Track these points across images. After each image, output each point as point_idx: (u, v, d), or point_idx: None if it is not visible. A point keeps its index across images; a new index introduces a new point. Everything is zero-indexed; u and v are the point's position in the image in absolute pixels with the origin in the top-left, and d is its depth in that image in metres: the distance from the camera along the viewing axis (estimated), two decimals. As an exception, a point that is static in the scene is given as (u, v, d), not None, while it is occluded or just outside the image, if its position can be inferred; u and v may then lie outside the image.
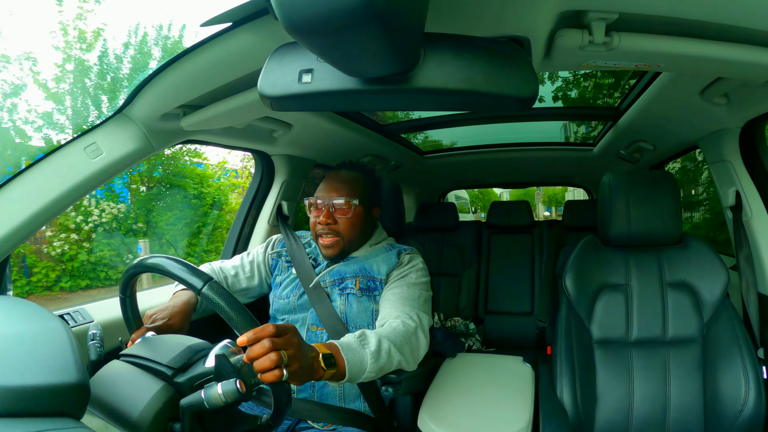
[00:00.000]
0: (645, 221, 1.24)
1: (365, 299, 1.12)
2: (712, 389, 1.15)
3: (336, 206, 1.13)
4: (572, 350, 1.21)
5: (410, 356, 0.96)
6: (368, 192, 1.19)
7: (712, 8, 0.67)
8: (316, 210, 1.16)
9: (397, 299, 1.07)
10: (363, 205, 1.17)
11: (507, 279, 2.55)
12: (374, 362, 0.84)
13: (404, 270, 1.14)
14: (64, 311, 1.11)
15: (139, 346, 0.81)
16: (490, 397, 1.22)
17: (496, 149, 2.45)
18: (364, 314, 1.11)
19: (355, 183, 1.18)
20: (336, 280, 1.14)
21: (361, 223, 1.17)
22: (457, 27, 0.68)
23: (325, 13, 0.38)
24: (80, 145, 0.97)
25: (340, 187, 1.15)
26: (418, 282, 1.12)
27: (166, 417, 0.70)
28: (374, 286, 1.12)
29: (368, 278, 1.13)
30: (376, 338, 0.88)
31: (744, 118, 1.23)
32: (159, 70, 0.88)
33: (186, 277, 0.72)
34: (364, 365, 0.83)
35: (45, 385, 0.53)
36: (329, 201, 1.13)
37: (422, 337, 1.00)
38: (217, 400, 0.66)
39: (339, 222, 1.14)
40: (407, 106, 0.66)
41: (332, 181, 1.17)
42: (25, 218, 0.89)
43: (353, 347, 0.84)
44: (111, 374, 0.75)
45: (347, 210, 1.13)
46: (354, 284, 1.12)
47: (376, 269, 1.13)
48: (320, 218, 1.13)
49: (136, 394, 0.70)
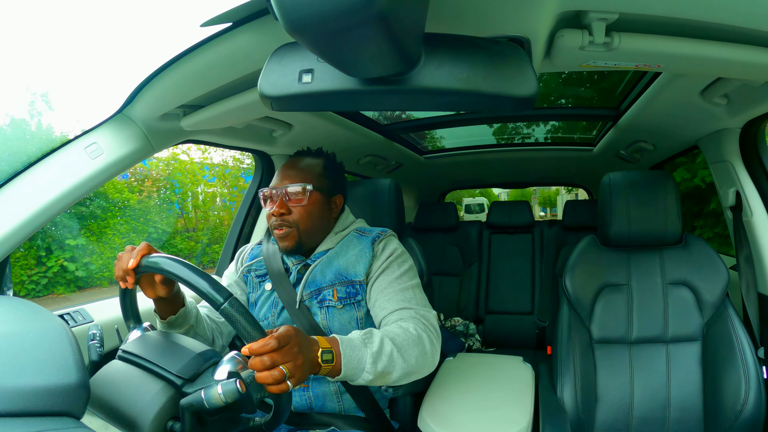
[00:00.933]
0: (645, 221, 1.24)
1: (347, 309, 1.04)
2: (713, 389, 1.15)
3: (290, 195, 1.03)
4: (572, 350, 1.21)
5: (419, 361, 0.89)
6: (326, 178, 1.09)
7: (712, 9, 0.67)
8: (271, 201, 1.06)
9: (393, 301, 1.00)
10: (320, 192, 1.06)
11: (507, 279, 2.55)
12: (372, 363, 0.81)
13: (384, 262, 1.05)
14: (64, 311, 1.11)
15: (140, 344, 0.80)
16: (490, 396, 1.22)
17: (497, 149, 2.45)
18: (348, 326, 1.04)
19: (311, 168, 1.08)
20: (313, 292, 1.04)
21: (318, 211, 1.06)
22: (457, 27, 0.68)
23: (326, 14, 0.38)
24: (80, 145, 0.97)
25: (294, 174, 1.06)
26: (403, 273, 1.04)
27: (166, 417, 0.70)
28: (355, 291, 1.03)
29: (346, 284, 1.04)
30: (380, 338, 0.85)
31: (744, 118, 1.23)
32: (159, 71, 0.88)
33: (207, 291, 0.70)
34: (362, 364, 0.81)
35: (45, 385, 0.53)
36: (282, 189, 1.04)
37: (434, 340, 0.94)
38: (217, 400, 0.66)
39: (293, 211, 1.03)
40: (407, 106, 0.66)
41: (286, 169, 1.08)
42: (25, 218, 0.89)
43: (354, 344, 0.82)
44: (111, 374, 0.75)
45: (301, 198, 1.03)
46: (332, 295, 1.03)
47: (352, 270, 1.04)
48: (273, 208, 1.03)
49: (136, 394, 0.70)
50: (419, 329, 0.92)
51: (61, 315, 1.09)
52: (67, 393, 0.54)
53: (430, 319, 0.97)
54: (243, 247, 1.21)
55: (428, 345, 0.91)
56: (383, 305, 0.99)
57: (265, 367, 0.67)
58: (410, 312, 0.97)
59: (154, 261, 0.77)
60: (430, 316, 0.98)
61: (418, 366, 0.89)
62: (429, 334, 0.93)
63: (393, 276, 1.03)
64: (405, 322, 0.93)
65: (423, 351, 0.90)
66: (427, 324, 0.95)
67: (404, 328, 0.90)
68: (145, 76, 0.91)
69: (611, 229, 1.26)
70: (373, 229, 1.13)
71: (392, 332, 0.88)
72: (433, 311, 1.02)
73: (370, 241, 1.08)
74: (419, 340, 0.90)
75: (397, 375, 0.86)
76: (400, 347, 0.86)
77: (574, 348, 1.22)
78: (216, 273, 1.71)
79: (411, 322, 0.93)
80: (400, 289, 1.01)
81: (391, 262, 1.05)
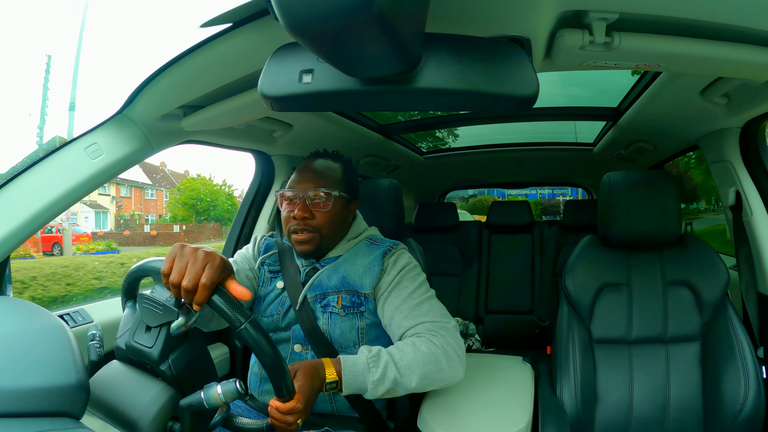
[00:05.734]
0: (645, 221, 1.24)
1: (350, 318, 1.02)
2: (712, 388, 1.15)
3: (313, 199, 1.01)
4: (572, 350, 1.21)
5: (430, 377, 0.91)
6: (346, 183, 1.08)
7: (712, 8, 0.67)
8: (290, 204, 1.03)
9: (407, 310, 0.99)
10: (342, 198, 1.05)
11: (507, 279, 2.55)
12: (374, 389, 0.86)
13: (395, 277, 1.03)
14: (64, 311, 1.11)
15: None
16: (489, 396, 1.22)
17: (496, 149, 2.44)
18: (349, 334, 1.02)
19: (332, 173, 1.06)
20: (318, 295, 1.04)
21: (340, 217, 1.06)
22: (457, 27, 0.67)
23: (326, 14, 0.38)
24: (80, 145, 0.97)
25: (316, 177, 1.03)
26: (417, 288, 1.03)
27: (165, 417, 0.70)
28: (359, 301, 1.02)
29: (351, 293, 1.02)
30: (384, 365, 0.87)
31: (744, 117, 1.23)
32: (159, 71, 0.88)
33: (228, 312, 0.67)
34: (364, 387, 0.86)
35: (45, 386, 0.53)
36: (304, 193, 1.01)
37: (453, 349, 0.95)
38: (217, 399, 0.66)
39: (317, 216, 1.01)
40: (408, 106, 0.66)
41: (306, 172, 1.05)
42: (25, 219, 0.89)
43: (358, 369, 0.86)
44: (111, 374, 0.75)
45: (326, 203, 1.01)
46: (336, 301, 1.02)
47: (359, 282, 1.03)
48: (295, 212, 1.00)
49: (135, 394, 0.70)
50: (435, 344, 0.93)
51: (60, 315, 1.09)
52: (67, 393, 0.54)
53: (449, 329, 0.97)
54: (255, 236, 1.19)
55: (443, 359, 0.92)
56: (399, 323, 0.99)
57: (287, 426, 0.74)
58: (426, 326, 0.96)
59: None
60: (449, 326, 0.98)
61: (430, 381, 0.91)
62: (447, 347, 0.93)
63: (407, 292, 1.01)
64: (419, 339, 0.94)
65: (438, 367, 0.91)
66: (446, 336, 0.95)
67: (416, 346, 0.91)
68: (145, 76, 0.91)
69: (611, 229, 1.26)
70: (385, 240, 1.12)
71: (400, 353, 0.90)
72: (453, 320, 1.01)
73: (380, 254, 1.06)
74: (431, 357, 0.91)
75: (403, 392, 0.89)
76: (404, 371, 0.88)
77: (573, 348, 1.22)
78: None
79: (426, 337, 0.94)
80: (415, 304, 1.00)
81: (402, 276, 1.03)
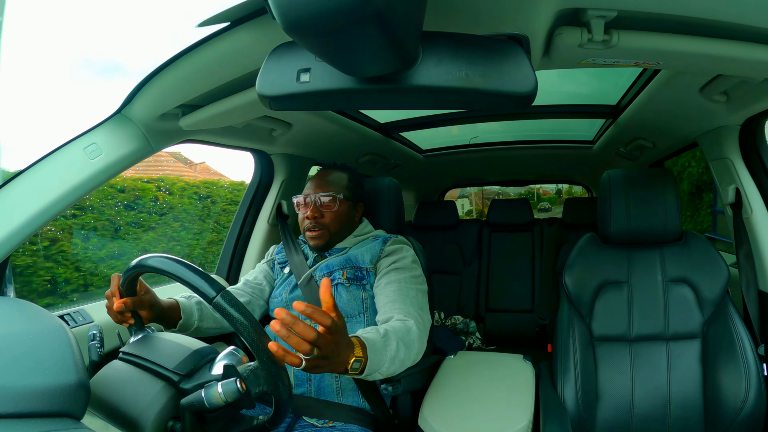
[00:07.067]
0: (645, 218, 1.24)
1: (354, 288, 1.17)
2: (713, 386, 1.15)
3: (323, 202, 1.24)
4: (573, 348, 1.22)
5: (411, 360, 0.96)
6: (351, 189, 1.31)
7: (711, 6, 0.67)
8: (304, 207, 1.26)
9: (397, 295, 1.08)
10: (347, 200, 1.27)
11: (507, 277, 2.55)
12: (388, 367, 0.85)
13: (393, 262, 1.17)
14: (64, 312, 1.12)
15: (140, 345, 0.80)
16: (490, 395, 1.22)
17: (496, 147, 2.44)
18: (353, 302, 1.16)
19: (339, 180, 1.30)
20: (325, 274, 1.21)
21: (346, 216, 1.27)
22: (455, 25, 0.67)
23: (323, 12, 0.38)
24: (79, 145, 0.97)
25: (325, 184, 1.27)
26: (412, 277, 1.15)
27: (166, 417, 0.70)
28: (361, 275, 1.18)
29: (355, 268, 1.19)
30: (396, 342, 0.88)
31: (744, 115, 1.22)
32: (157, 71, 0.88)
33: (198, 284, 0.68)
34: (381, 366, 0.83)
35: (45, 386, 0.53)
36: (316, 197, 1.24)
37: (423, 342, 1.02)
38: (218, 399, 0.66)
39: (325, 216, 1.24)
40: (406, 104, 0.66)
41: (318, 180, 1.29)
42: (24, 219, 0.89)
43: (377, 347, 0.83)
44: (111, 374, 0.76)
45: (332, 205, 1.24)
46: (341, 275, 1.19)
47: (361, 259, 1.20)
48: (308, 213, 1.23)
49: (136, 394, 0.70)
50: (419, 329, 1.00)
51: (61, 315, 1.09)
52: (68, 393, 0.54)
53: (426, 324, 1.07)
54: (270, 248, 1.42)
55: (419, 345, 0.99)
56: (390, 296, 1.09)
57: (305, 336, 0.63)
58: (413, 312, 1.05)
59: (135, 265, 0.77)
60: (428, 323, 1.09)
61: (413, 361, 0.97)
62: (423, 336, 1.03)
63: (407, 274, 1.15)
64: (408, 322, 1.00)
65: (420, 349, 1.00)
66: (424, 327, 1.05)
67: (408, 327, 0.97)
68: (143, 76, 0.91)
69: (611, 227, 1.26)
70: (389, 235, 1.30)
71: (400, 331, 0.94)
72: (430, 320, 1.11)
73: (381, 240, 1.25)
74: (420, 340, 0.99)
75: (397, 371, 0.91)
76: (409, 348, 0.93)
77: (574, 346, 1.22)
78: (216, 273, 1.71)
79: (413, 321, 1.00)
80: (410, 287, 1.11)
81: (407, 263, 1.17)
